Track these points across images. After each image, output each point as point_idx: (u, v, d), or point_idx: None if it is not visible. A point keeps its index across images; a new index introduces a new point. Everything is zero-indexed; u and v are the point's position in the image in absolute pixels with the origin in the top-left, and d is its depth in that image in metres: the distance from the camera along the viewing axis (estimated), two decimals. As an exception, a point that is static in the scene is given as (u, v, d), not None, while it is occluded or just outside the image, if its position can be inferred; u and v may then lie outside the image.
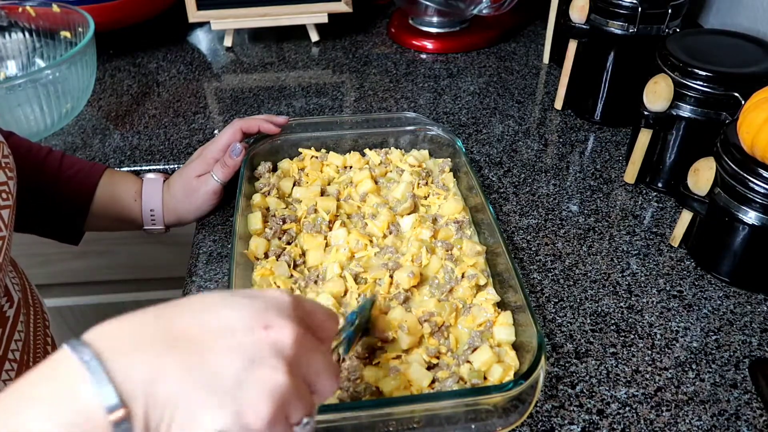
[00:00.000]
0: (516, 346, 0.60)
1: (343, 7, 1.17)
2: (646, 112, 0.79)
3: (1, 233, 0.53)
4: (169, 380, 0.34)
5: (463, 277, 0.66)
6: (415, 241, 0.70)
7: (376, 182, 0.80)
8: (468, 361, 0.58)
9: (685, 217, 0.74)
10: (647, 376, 0.62)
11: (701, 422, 0.58)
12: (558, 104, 1.03)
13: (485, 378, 0.57)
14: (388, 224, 0.73)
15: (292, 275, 0.68)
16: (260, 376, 0.35)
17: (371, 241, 0.71)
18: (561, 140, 0.96)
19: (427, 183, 0.80)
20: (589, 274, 0.73)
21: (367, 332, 0.59)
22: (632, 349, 0.64)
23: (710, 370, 0.63)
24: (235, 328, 0.36)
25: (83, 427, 0.32)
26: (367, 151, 0.84)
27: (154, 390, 0.33)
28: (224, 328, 0.36)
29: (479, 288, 0.66)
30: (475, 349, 0.59)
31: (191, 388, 0.34)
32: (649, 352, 0.64)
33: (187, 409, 0.34)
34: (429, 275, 0.67)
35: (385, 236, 0.72)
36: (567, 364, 0.63)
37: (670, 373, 0.62)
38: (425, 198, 0.78)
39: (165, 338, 0.35)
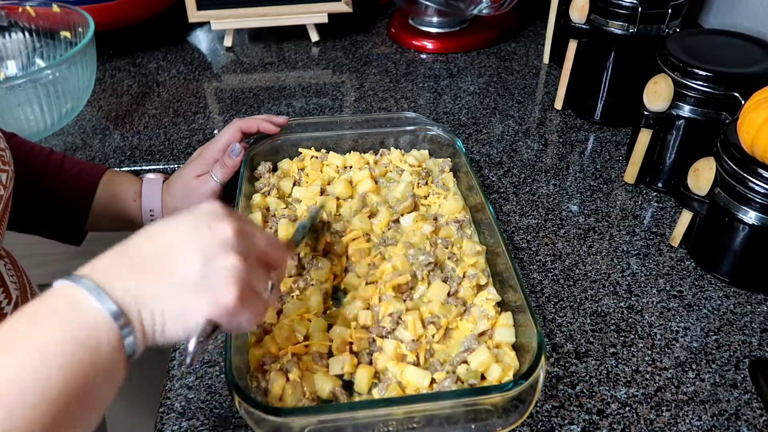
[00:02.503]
0: (516, 347, 0.60)
1: (343, 7, 1.17)
2: (646, 112, 0.79)
3: None
4: (150, 289, 0.42)
5: (464, 276, 0.66)
6: (416, 231, 0.70)
7: (376, 182, 0.80)
8: (465, 362, 0.58)
9: (685, 217, 0.74)
10: (647, 376, 0.62)
11: (701, 422, 0.58)
12: (558, 104, 1.03)
13: (483, 378, 0.57)
14: (388, 222, 0.73)
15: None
16: (217, 266, 0.43)
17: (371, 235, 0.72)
18: (561, 140, 0.96)
19: (427, 183, 0.80)
20: (589, 274, 0.73)
21: (318, 234, 0.70)
22: (632, 349, 0.64)
23: (710, 370, 0.62)
24: (186, 237, 0.44)
25: (92, 337, 0.39)
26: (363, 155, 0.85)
27: (141, 298, 0.41)
28: (178, 241, 0.44)
29: (480, 288, 0.66)
30: (472, 351, 0.59)
31: (169, 290, 0.42)
32: (649, 352, 0.64)
33: (172, 308, 0.42)
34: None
35: (383, 232, 0.73)
36: (567, 364, 0.63)
37: (670, 373, 0.62)
38: (425, 198, 0.78)
39: (135, 262, 0.43)
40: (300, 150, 0.84)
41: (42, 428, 0.36)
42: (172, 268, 0.43)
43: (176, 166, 0.90)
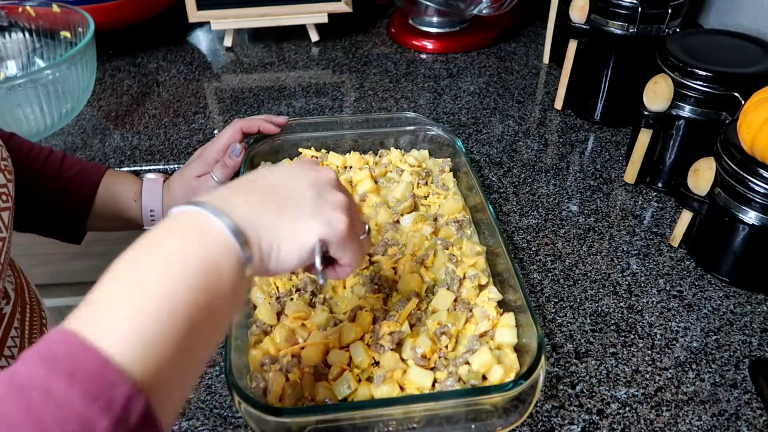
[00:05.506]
0: (516, 347, 0.60)
1: (343, 7, 1.17)
2: (646, 112, 0.79)
3: (1, 234, 0.54)
4: (267, 214, 0.44)
5: (464, 277, 0.66)
6: (416, 233, 0.70)
7: (375, 182, 0.80)
8: (467, 363, 0.58)
9: (685, 217, 0.74)
10: (647, 376, 0.62)
11: (701, 422, 0.58)
12: (558, 104, 1.03)
13: (484, 379, 0.57)
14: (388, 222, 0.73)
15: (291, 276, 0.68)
16: (329, 199, 0.48)
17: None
18: (561, 140, 0.96)
19: (426, 183, 0.80)
20: (589, 274, 0.73)
21: None
22: (632, 349, 0.64)
23: (710, 370, 0.63)
24: (297, 175, 0.49)
25: (216, 257, 0.40)
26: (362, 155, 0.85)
27: (258, 222, 0.43)
28: (290, 177, 0.48)
29: (481, 288, 0.66)
30: (474, 351, 0.59)
31: (285, 214, 0.45)
32: (649, 352, 0.64)
33: (288, 231, 0.45)
34: (436, 277, 0.67)
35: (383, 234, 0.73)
36: (567, 364, 0.63)
37: (670, 373, 0.62)
38: (425, 198, 0.78)
39: (254, 191, 0.46)
40: (300, 150, 0.84)
41: (171, 346, 0.35)
42: (287, 197, 0.46)
43: (176, 166, 0.90)
